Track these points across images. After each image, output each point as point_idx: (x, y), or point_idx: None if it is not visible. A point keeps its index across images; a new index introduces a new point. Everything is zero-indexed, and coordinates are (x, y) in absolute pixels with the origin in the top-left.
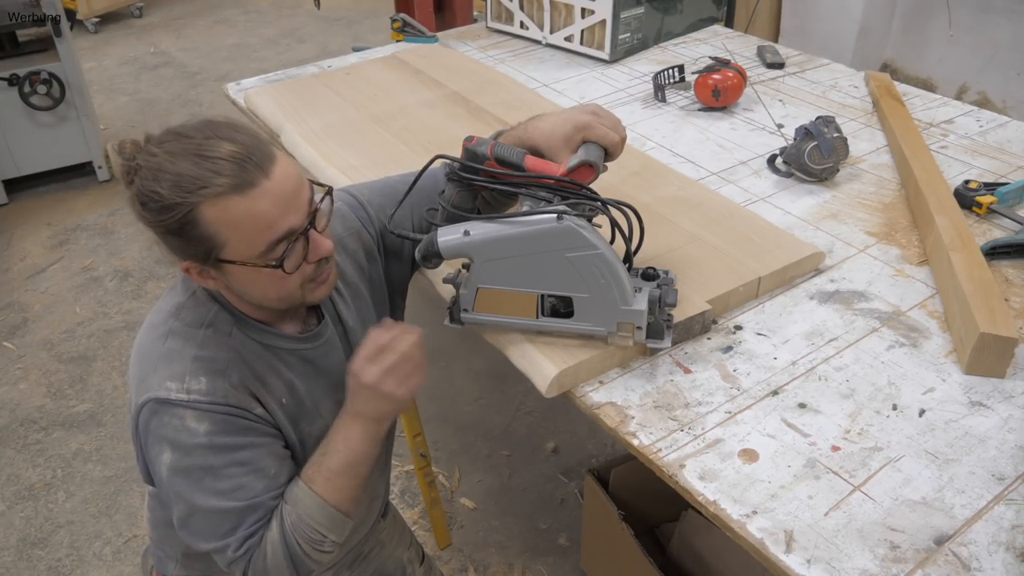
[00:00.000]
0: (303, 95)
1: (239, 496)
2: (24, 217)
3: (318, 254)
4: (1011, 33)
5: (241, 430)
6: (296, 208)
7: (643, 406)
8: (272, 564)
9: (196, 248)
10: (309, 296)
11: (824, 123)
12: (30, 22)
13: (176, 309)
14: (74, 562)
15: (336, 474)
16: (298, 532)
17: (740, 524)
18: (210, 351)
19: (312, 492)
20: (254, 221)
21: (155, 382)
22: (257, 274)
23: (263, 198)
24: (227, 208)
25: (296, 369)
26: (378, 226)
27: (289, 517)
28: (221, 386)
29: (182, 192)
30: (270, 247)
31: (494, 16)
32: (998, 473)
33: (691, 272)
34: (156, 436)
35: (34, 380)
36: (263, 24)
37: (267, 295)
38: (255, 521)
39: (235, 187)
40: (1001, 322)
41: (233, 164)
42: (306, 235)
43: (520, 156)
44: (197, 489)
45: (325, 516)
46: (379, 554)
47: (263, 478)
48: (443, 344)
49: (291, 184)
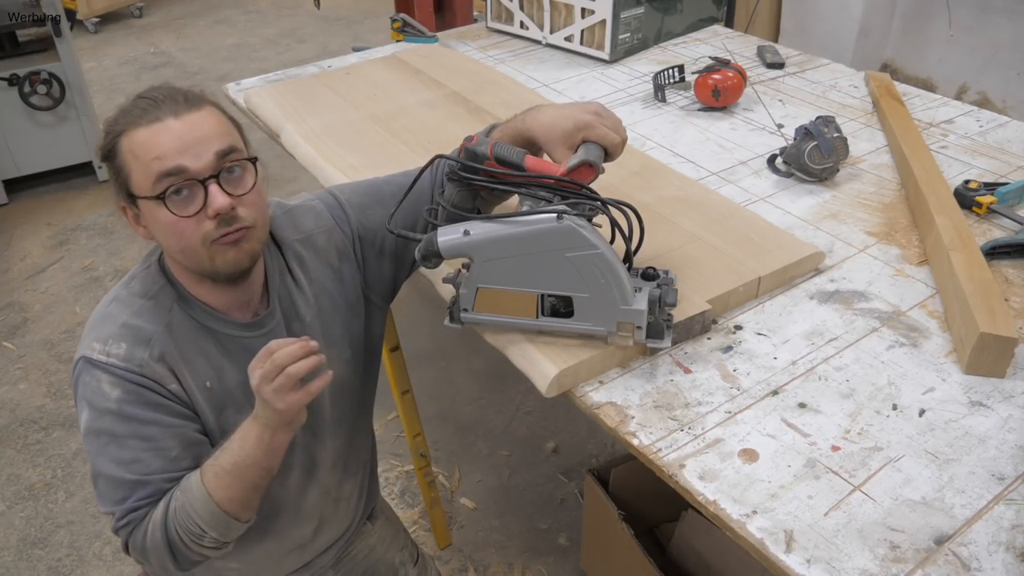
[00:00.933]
0: (303, 95)
1: (134, 469)
2: (24, 217)
3: (213, 207)
4: (1011, 33)
5: (151, 405)
6: (198, 154)
7: (643, 406)
8: (151, 544)
9: (118, 180)
10: (218, 259)
11: (824, 123)
12: (30, 22)
13: (130, 278)
14: (74, 562)
15: (225, 472)
16: (179, 520)
17: (740, 524)
18: (140, 320)
19: (201, 484)
20: (146, 150)
21: (87, 341)
22: (156, 216)
23: (163, 132)
24: (132, 138)
25: (234, 356)
26: (356, 225)
27: (175, 503)
28: (139, 355)
29: (113, 123)
30: (157, 179)
31: (494, 16)
32: (998, 473)
33: (691, 272)
34: (80, 394)
35: (34, 380)
36: (263, 24)
37: (170, 245)
38: (143, 497)
39: (143, 119)
40: (1001, 322)
41: (150, 101)
42: (205, 185)
43: (520, 156)
44: (101, 453)
45: (207, 511)
46: (368, 557)
47: (161, 458)
48: (443, 344)
49: (201, 132)
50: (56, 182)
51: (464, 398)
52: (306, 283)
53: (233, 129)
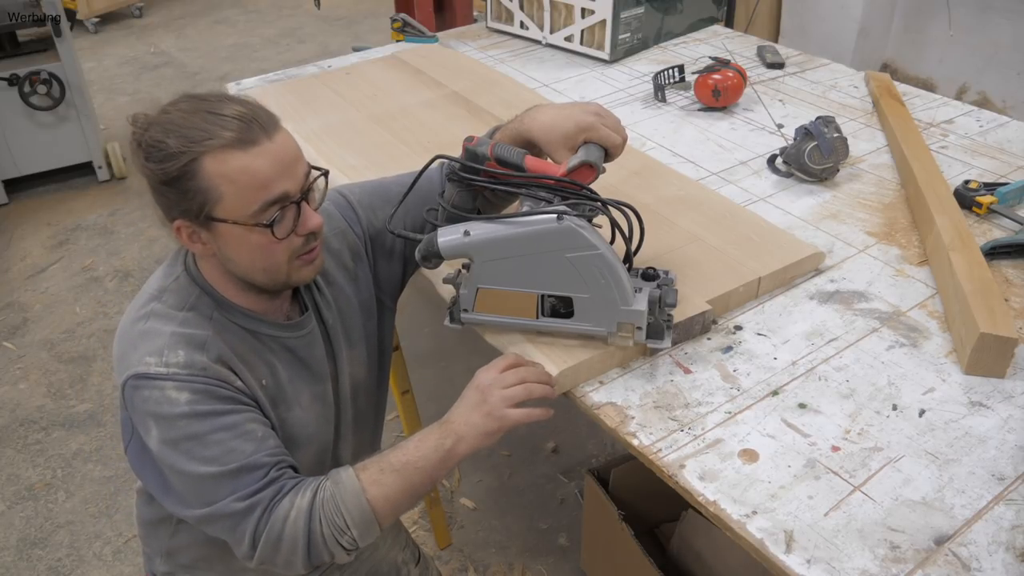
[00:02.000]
0: (303, 95)
1: (228, 460)
2: (24, 217)
3: (307, 226)
4: (1011, 33)
5: (222, 398)
6: (292, 175)
7: (643, 406)
8: (289, 532)
9: (191, 202)
10: (295, 274)
11: (824, 123)
12: (30, 22)
13: (158, 292)
14: (74, 562)
15: (391, 469)
16: (325, 510)
17: (740, 524)
18: (190, 328)
19: (357, 478)
20: (251, 178)
21: (135, 359)
22: (246, 237)
23: (263, 157)
24: (226, 161)
25: (278, 355)
26: (366, 226)
27: (324, 492)
28: (199, 359)
29: (187, 142)
30: (263, 207)
31: (494, 16)
32: (998, 473)
33: (691, 272)
34: (141, 413)
35: (34, 380)
36: (263, 24)
37: (254, 263)
38: (254, 480)
39: (237, 142)
40: (1001, 322)
41: (239, 122)
42: (298, 205)
43: (520, 156)
44: (186, 459)
45: (357, 505)
46: (371, 556)
47: (251, 441)
48: (443, 344)
49: (291, 152)
50: (56, 182)
51: None
52: (325, 286)
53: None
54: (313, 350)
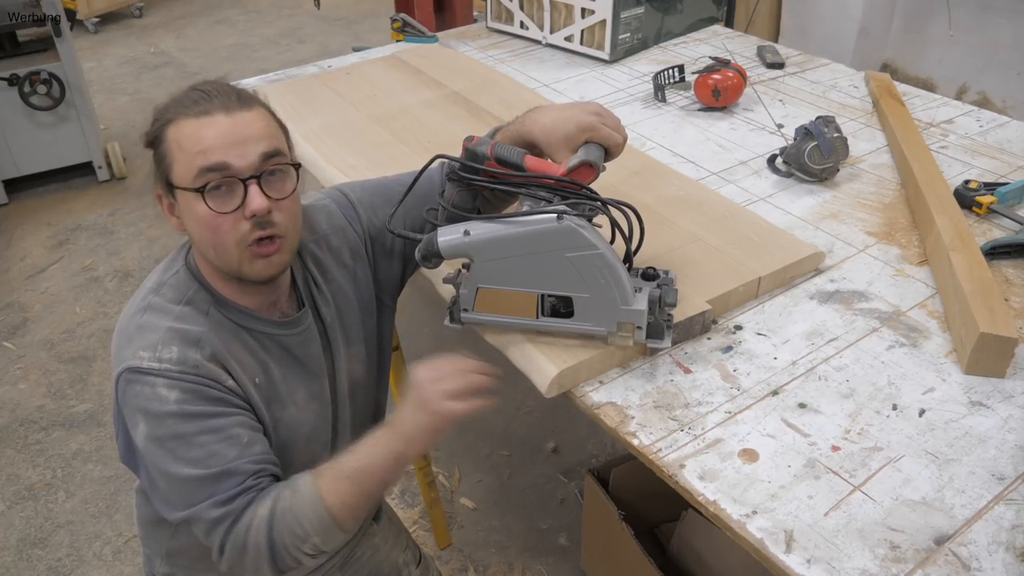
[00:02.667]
0: (303, 95)
1: (211, 463)
2: (24, 217)
3: (250, 207)
4: (1011, 33)
5: (212, 399)
6: (241, 153)
7: (643, 406)
8: (252, 542)
9: (159, 168)
10: (246, 266)
11: (824, 123)
12: (30, 22)
13: (157, 286)
14: (74, 562)
15: (344, 476)
16: (284, 520)
17: (740, 524)
18: (185, 324)
19: (314, 485)
20: (193, 143)
21: (129, 352)
22: (191, 207)
23: (211, 127)
24: (180, 128)
25: (273, 353)
26: (367, 225)
27: (283, 502)
28: (192, 356)
29: (163, 111)
30: (199, 173)
31: (494, 16)
32: (998, 473)
33: (691, 272)
34: (131, 407)
35: (34, 380)
36: (263, 24)
37: (203, 239)
38: (232, 486)
39: (193, 112)
40: (1001, 322)
41: (203, 94)
42: (245, 184)
43: (520, 156)
44: (170, 458)
45: (315, 513)
46: (373, 557)
47: (235, 446)
48: (443, 344)
49: (248, 131)
50: (56, 182)
51: None
52: (323, 283)
53: (280, 133)
54: (309, 347)
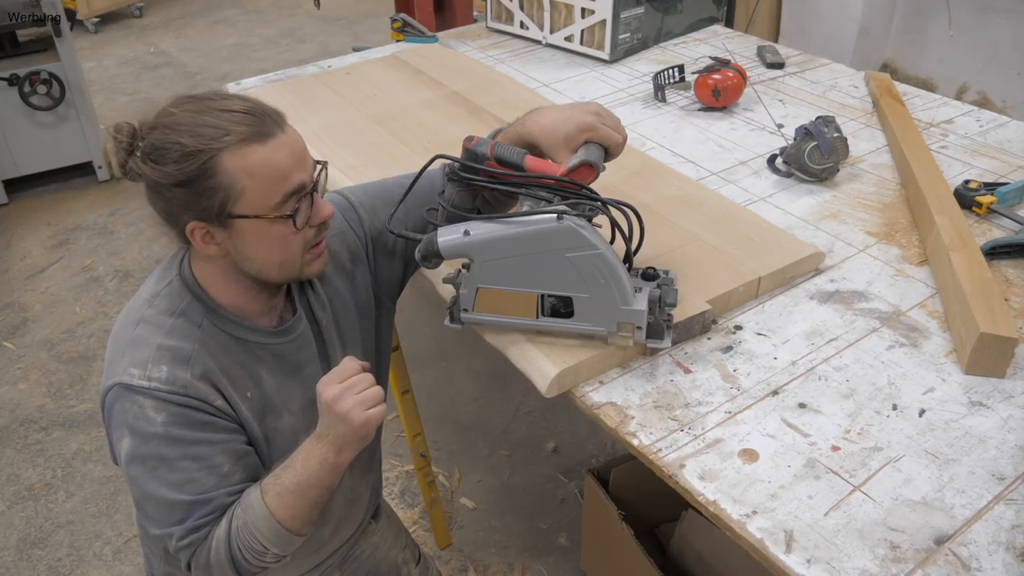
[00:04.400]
0: (303, 95)
1: (188, 490)
2: (24, 217)
3: (321, 215)
4: (1011, 33)
5: (197, 424)
6: (306, 167)
7: (643, 406)
8: (215, 560)
9: (209, 201)
10: (306, 268)
11: (824, 123)
12: (30, 22)
13: (151, 297)
14: (74, 562)
15: (288, 491)
16: (241, 538)
17: (740, 524)
18: (176, 340)
19: (263, 503)
20: (272, 170)
21: (120, 367)
22: (266, 231)
23: (281, 149)
24: (246, 156)
25: (266, 364)
26: (368, 228)
27: (237, 520)
28: (182, 376)
29: (204, 140)
30: (284, 198)
31: (494, 16)
32: (998, 473)
33: (691, 272)
34: (118, 421)
35: (34, 380)
36: (263, 24)
37: (271, 257)
38: (203, 515)
39: (255, 136)
40: (1001, 322)
41: (251, 116)
42: (311, 195)
43: (520, 156)
44: (150, 477)
45: (269, 529)
46: (372, 556)
47: (214, 475)
48: (443, 344)
49: (301, 143)
50: (56, 182)
51: (464, 398)
52: (320, 285)
53: None
54: (303, 353)
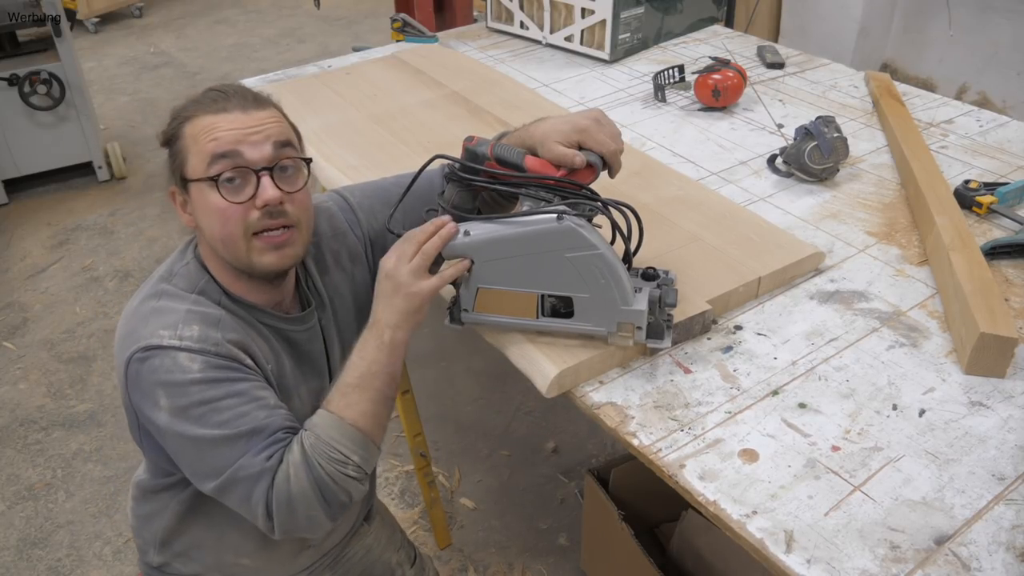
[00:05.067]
0: (303, 95)
1: (240, 424)
2: (24, 217)
3: (262, 197)
4: (1011, 33)
5: (233, 368)
6: (257, 145)
7: (643, 406)
8: (296, 489)
9: (174, 163)
10: (256, 257)
11: (824, 123)
12: (30, 22)
13: (168, 275)
14: (74, 562)
15: (351, 388)
16: (318, 452)
17: (740, 524)
18: (202, 307)
19: (328, 412)
20: (207, 134)
21: (146, 332)
22: (206, 200)
23: (226, 121)
24: (196, 123)
25: (282, 346)
26: (367, 229)
27: (309, 439)
28: (213, 336)
29: (181, 109)
30: (213, 159)
31: (494, 16)
32: (998, 473)
33: (691, 272)
34: (149, 383)
35: (34, 380)
36: (263, 24)
37: (213, 231)
38: (265, 442)
39: (210, 107)
40: (1001, 322)
41: (221, 94)
42: (258, 175)
43: (520, 156)
44: (197, 425)
45: (343, 433)
46: (365, 558)
47: (264, 407)
48: (443, 344)
49: (265, 130)
50: (56, 182)
51: (464, 398)
52: (321, 285)
53: (292, 131)
54: (314, 345)
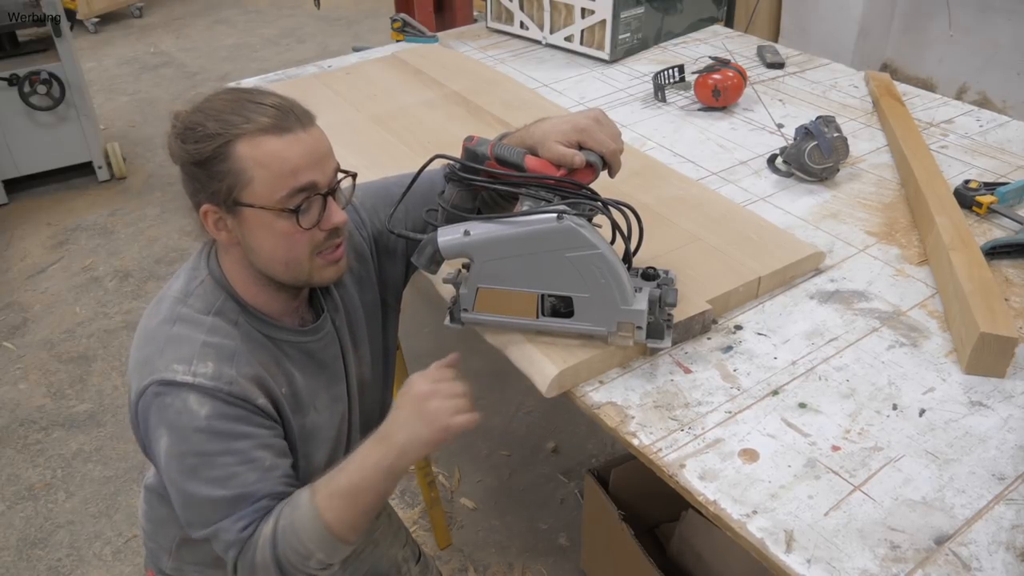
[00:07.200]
0: (303, 95)
1: (230, 485)
2: (24, 217)
3: (331, 221)
4: (1011, 33)
5: (241, 419)
6: (322, 168)
7: (643, 406)
8: (260, 561)
9: (219, 184)
10: (316, 273)
11: (824, 123)
12: (30, 22)
13: (183, 295)
14: (74, 562)
15: (339, 494)
16: (286, 538)
17: (740, 524)
18: (218, 337)
19: (312, 503)
20: (282, 163)
21: (161, 364)
22: (271, 223)
23: (296, 145)
24: (260, 145)
25: (296, 361)
26: (369, 229)
27: (284, 520)
28: (227, 373)
29: (225, 125)
30: (291, 193)
31: (494, 16)
32: (998, 473)
33: (691, 272)
34: (156, 419)
35: (34, 380)
36: (263, 24)
37: (275, 254)
38: (250, 511)
39: (272, 128)
40: (1001, 322)
41: (275, 110)
42: (324, 199)
43: (520, 156)
44: (190, 477)
45: (316, 532)
46: (372, 553)
47: (257, 470)
48: (443, 344)
49: (323, 146)
50: (56, 182)
51: None
52: (333, 287)
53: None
54: (330, 351)
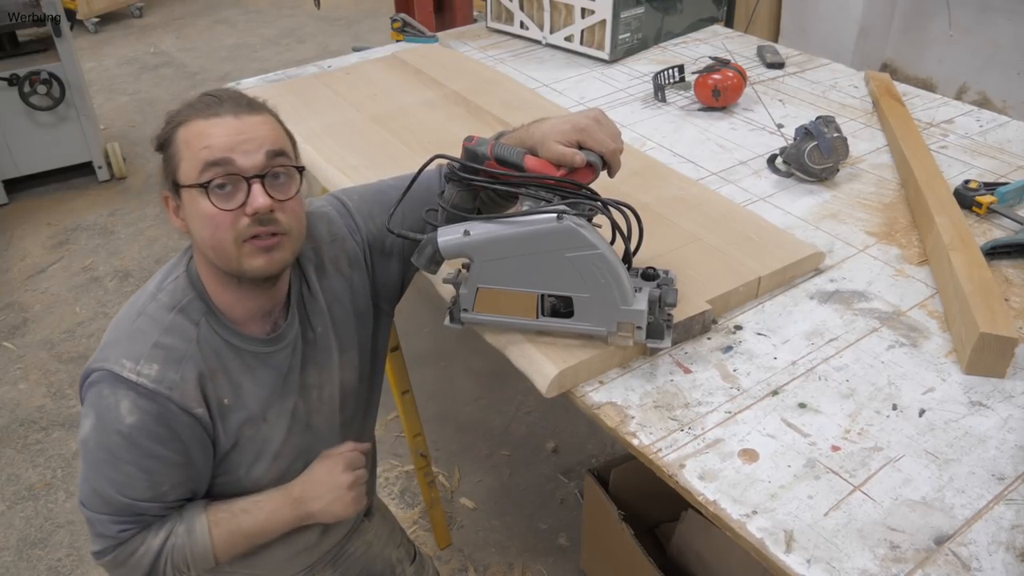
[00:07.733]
0: (303, 95)
1: (125, 492)
2: (24, 217)
3: (252, 205)
4: (1011, 33)
5: (160, 440)
6: (247, 153)
7: (643, 406)
8: (132, 564)
9: (167, 168)
10: (245, 261)
11: (824, 123)
12: (30, 22)
13: (157, 288)
14: (74, 562)
15: (241, 534)
16: (172, 558)
17: (740, 524)
18: (172, 338)
19: (209, 536)
20: (199, 140)
21: (113, 355)
22: (197, 205)
23: (219, 126)
24: (189, 128)
25: (253, 372)
26: (364, 234)
27: (176, 539)
28: (171, 377)
29: (176, 114)
30: (204, 167)
31: (494, 16)
32: (998, 473)
33: (691, 272)
34: (90, 402)
35: (34, 380)
36: (263, 24)
37: (203, 237)
38: (130, 519)
39: (202, 112)
40: (1001, 322)
41: (214, 99)
42: (249, 183)
43: (520, 156)
44: (95, 466)
45: (204, 560)
46: (365, 554)
47: (152, 489)
48: (443, 344)
49: (255, 133)
50: (56, 182)
51: (464, 398)
52: (320, 291)
53: (286, 138)
54: (290, 360)
